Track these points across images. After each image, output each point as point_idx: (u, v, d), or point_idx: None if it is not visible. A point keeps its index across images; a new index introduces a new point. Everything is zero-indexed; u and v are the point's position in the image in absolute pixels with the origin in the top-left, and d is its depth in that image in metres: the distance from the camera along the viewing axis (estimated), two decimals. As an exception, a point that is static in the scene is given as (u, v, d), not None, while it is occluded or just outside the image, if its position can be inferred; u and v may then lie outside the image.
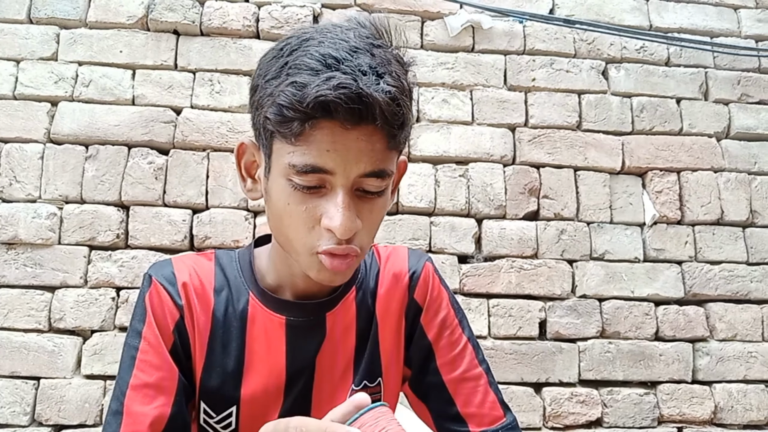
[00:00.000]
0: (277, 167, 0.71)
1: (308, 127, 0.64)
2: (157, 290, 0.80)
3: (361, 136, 0.65)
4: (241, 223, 1.90)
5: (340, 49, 0.65)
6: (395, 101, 0.65)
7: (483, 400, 0.87)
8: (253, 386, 0.82)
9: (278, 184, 0.71)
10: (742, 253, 2.09)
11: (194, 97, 1.97)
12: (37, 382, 1.76)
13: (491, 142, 2.06)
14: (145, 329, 0.78)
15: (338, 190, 0.67)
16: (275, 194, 0.72)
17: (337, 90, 0.62)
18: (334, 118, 0.64)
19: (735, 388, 1.98)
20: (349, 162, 0.66)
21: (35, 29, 1.96)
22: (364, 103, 0.63)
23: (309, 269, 0.73)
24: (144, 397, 0.75)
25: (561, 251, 2.02)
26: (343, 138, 0.65)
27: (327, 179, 0.67)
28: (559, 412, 1.91)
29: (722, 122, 2.18)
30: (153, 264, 0.85)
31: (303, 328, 0.83)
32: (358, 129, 0.65)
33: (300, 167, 0.66)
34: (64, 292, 1.81)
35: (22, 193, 1.85)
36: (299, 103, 0.63)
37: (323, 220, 0.68)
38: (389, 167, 0.70)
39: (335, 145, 0.65)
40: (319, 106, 0.63)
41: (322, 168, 0.66)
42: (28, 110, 1.91)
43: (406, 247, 0.97)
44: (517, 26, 2.16)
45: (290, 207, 0.70)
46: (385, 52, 0.68)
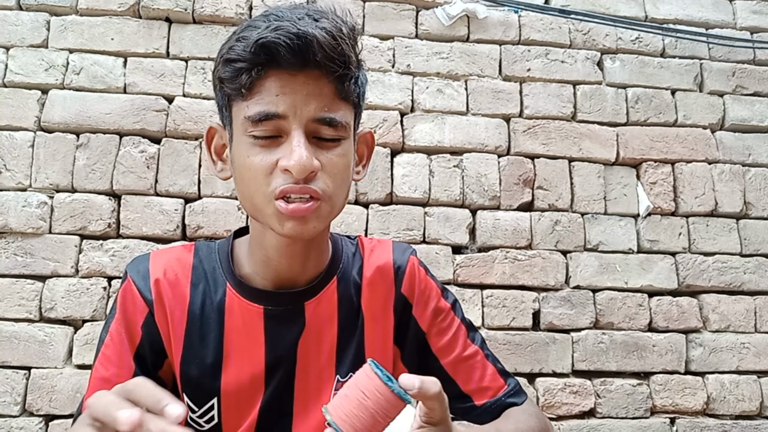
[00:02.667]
0: (236, 129, 0.73)
1: (255, 76, 0.68)
2: (130, 286, 0.82)
3: (308, 80, 0.70)
4: (233, 213, 1.88)
5: (281, 10, 0.70)
6: (333, 37, 0.68)
7: (483, 375, 0.89)
8: (233, 377, 0.82)
9: (239, 144, 0.73)
10: (736, 244, 2.09)
11: (186, 86, 1.95)
12: (28, 372, 1.75)
13: (486, 132, 2.05)
14: (113, 325, 0.82)
15: (293, 133, 0.70)
16: (237, 155, 0.74)
17: (276, 32, 0.66)
18: (279, 66, 0.68)
19: (727, 378, 1.99)
20: (298, 104, 0.69)
21: (25, 16, 1.94)
22: (302, 40, 0.67)
23: (272, 222, 0.73)
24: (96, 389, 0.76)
25: (555, 242, 2.01)
26: (291, 82, 0.69)
27: (281, 126, 0.70)
28: (552, 403, 1.91)
29: (717, 114, 2.17)
30: (133, 259, 0.87)
31: (282, 318, 0.83)
32: (303, 73, 0.69)
33: (253, 116, 0.69)
34: (55, 282, 1.80)
35: (12, 182, 1.84)
36: (244, 51, 0.68)
37: (280, 162, 0.70)
38: (341, 117, 0.72)
39: (284, 89, 0.69)
40: (261, 49, 0.67)
41: (273, 113, 0.69)
42: (18, 98, 1.88)
43: (391, 240, 0.97)
44: (513, 16, 2.15)
45: (249, 159, 0.71)
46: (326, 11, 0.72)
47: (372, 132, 0.87)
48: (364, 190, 1.95)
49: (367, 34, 2.06)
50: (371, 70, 2.03)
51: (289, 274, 0.83)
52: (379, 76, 2.03)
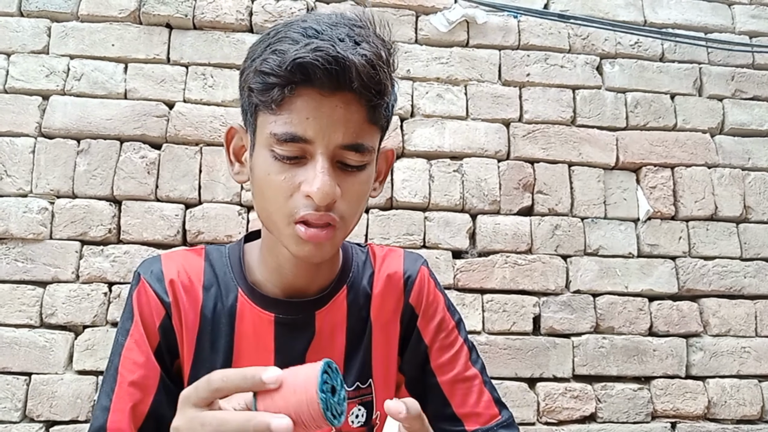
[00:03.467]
0: (260, 140, 0.72)
1: (288, 93, 0.66)
2: (145, 288, 0.81)
3: (340, 103, 0.67)
4: (234, 218, 1.88)
5: (321, 23, 0.68)
6: (372, 65, 0.67)
7: (478, 400, 0.88)
8: None
9: (260, 156, 0.72)
10: (736, 248, 2.09)
11: (187, 91, 1.95)
12: (28, 378, 1.75)
13: (485, 137, 2.06)
14: (133, 328, 0.79)
15: (317, 157, 0.68)
16: (258, 167, 0.73)
17: (315, 52, 0.64)
18: (312, 85, 0.66)
19: (728, 383, 1.99)
20: (327, 130, 0.67)
21: (26, 22, 1.94)
22: (340, 65, 0.65)
23: (288, 243, 0.72)
24: (126, 394, 0.76)
25: (555, 246, 2.01)
26: (322, 105, 0.67)
27: (307, 149, 0.69)
28: (553, 407, 1.90)
29: (716, 118, 2.18)
30: (143, 261, 0.85)
31: (292, 326, 0.83)
32: (336, 96, 0.67)
33: (280, 136, 0.68)
34: (55, 287, 1.80)
35: (13, 188, 1.84)
36: (279, 67, 0.66)
37: (302, 187, 0.69)
38: (368, 142, 0.71)
39: (314, 112, 0.67)
40: (297, 68, 0.65)
41: (301, 137, 0.67)
42: (19, 104, 1.89)
43: (402, 249, 0.96)
44: (512, 21, 2.15)
45: (270, 177, 0.70)
46: (366, 31, 0.70)
47: (393, 150, 0.86)
48: (364, 195, 1.95)
49: (366, 40, 2.06)
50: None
51: (301, 283, 0.83)
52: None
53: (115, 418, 0.74)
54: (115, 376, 0.77)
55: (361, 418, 0.87)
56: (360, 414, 0.86)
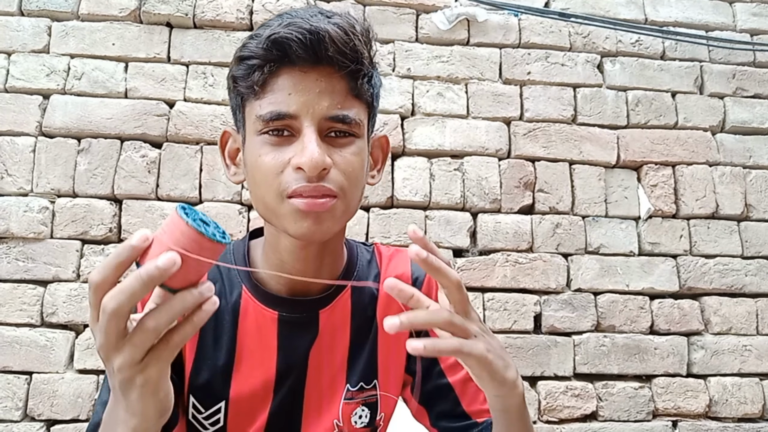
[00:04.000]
0: (249, 130, 0.73)
1: (267, 73, 0.68)
2: None
3: (320, 77, 0.69)
4: (234, 217, 1.88)
5: (298, 10, 0.71)
6: (345, 32, 0.68)
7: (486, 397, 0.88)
8: (243, 381, 0.81)
9: (251, 144, 0.73)
10: (737, 246, 2.09)
11: (187, 90, 1.95)
12: (29, 377, 1.75)
13: (486, 135, 2.05)
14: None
15: (304, 130, 0.69)
16: (249, 156, 0.73)
17: (288, 27, 0.66)
18: (292, 63, 0.68)
19: (730, 381, 1.99)
20: (311, 102, 0.68)
21: (26, 21, 1.94)
22: (314, 35, 0.66)
23: (287, 222, 0.71)
24: None
25: (556, 245, 2.01)
26: (303, 80, 0.68)
27: (293, 125, 0.69)
28: (554, 406, 1.90)
29: (717, 116, 2.17)
30: None
31: (295, 324, 0.82)
32: (316, 70, 0.69)
33: (265, 116, 0.69)
34: (56, 287, 1.80)
35: (13, 187, 1.84)
36: (256, 48, 0.68)
37: (292, 160, 0.69)
38: (355, 115, 0.72)
39: (296, 87, 0.68)
40: (273, 45, 0.67)
41: (286, 113, 0.68)
42: (19, 103, 1.89)
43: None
44: (512, 19, 2.15)
45: (261, 159, 0.71)
46: (343, 13, 0.71)
47: (387, 136, 0.86)
48: (365, 193, 1.95)
49: (367, 38, 2.06)
50: (371, 74, 2.03)
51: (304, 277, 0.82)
52: (379, 79, 2.03)
53: None
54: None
55: (364, 419, 0.86)
56: (364, 415, 0.86)
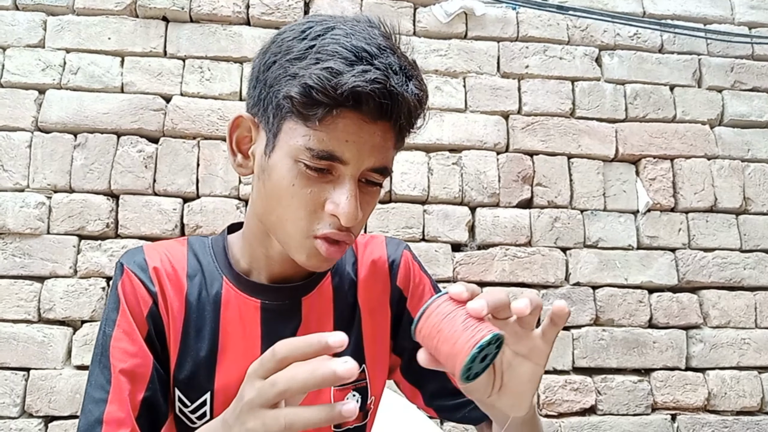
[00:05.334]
0: (285, 147, 0.71)
1: (334, 114, 0.67)
2: (130, 278, 0.80)
3: (378, 131, 0.69)
4: (232, 212, 1.88)
5: (371, 45, 0.67)
6: (419, 102, 0.70)
7: None
8: (228, 371, 0.81)
9: (284, 164, 0.71)
10: (736, 240, 2.09)
11: (184, 85, 1.94)
12: (26, 373, 1.74)
13: (484, 129, 2.05)
14: (119, 318, 0.78)
15: (347, 179, 0.69)
16: (278, 174, 0.72)
17: (372, 84, 0.65)
18: (358, 111, 0.67)
19: (728, 374, 1.99)
20: (363, 155, 0.69)
21: (21, 16, 1.93)
22: (393, 99, 0.66)
23: (298, 253, 0.73)
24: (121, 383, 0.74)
25: (554, 239, 2.01)
26: (362, 130, 0.68)
27: (337, 168, 0.69)
28: (553, 400, 1.90)
29: (715, 109, 2.17)
30: (125, 252, 0.84)
31: (278, 312, 0.83)
32: (377, 124, 0.69)
33: (317, 152, 0.68)
34: (53, 282, 1.79)
35: (9, 182, 1.83)
36: (333, 89, 0.65)
37: (328, 206, 0.70)
38: (391, 165, 0.75)
39: (354, 136, 0.68)
40: (352, 96, 0.65)
41: (339, 157, 0.68)
42: (15, 98, 1.88)
43: (383, 235, 0.98)
44: (510, 13, 2.14)
45: (294, 188, 0.70)
46: (406, 57, 0.71)
47: None
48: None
49: (364, 32, 2.06)
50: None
51: (289, 271, 0.83)
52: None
53: (112, 408, 0.73)
54: (107, 367, 0.75)
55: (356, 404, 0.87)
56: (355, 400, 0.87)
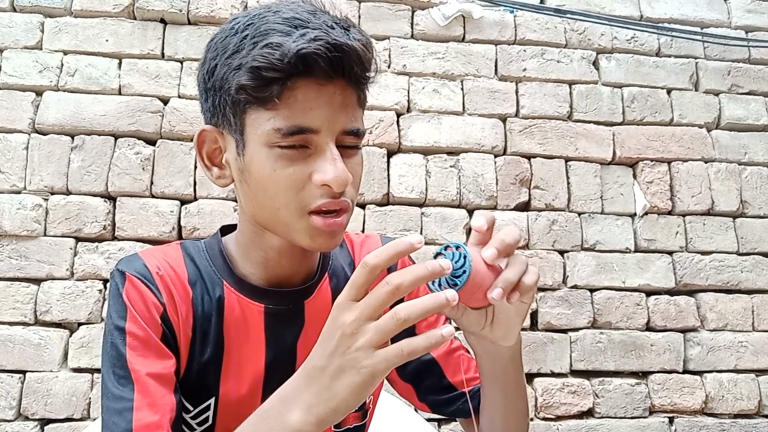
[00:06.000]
0: (255, 139, 0.70)
1: (288, 87, 0.66)
2: (134, 285, 0.75)
3: (337, 90, 0.69)
4: (229, 214, 1.87)
5: (300, 13, 0.68)
6: (366, 48, 0.69)
7: (468, 367, 0.92)
8: (232, 376, 0.80)
9: (260, 154, 0.70)
10: (733, 243, 2.09)
11: (182, 87, 1.95)
12: (23, 376, 1.74)
13: (482, 132, 2.05)
14: (129, 325, 0.73)
15: (326, 145, 0.69)
16: (257, 167, 0.71)
17: (315, 42, 0.64)
18: (311, 75, 0.67)
19: (726, 377, 1.99)
20: (331, 117, 0.68)
21: (19, 17, 1.93)
22: (339, 51, 0.66)
23: (301, 236, 0.71)
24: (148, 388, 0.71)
25: (552, 242, 2.01)
26: (321, 94, 0.68)
27: (311, 139, 0.68)
28: (550, 403, 1.90)
29: (713, 113, 2.18)
30: (119, 261, 0.80)
31: (282, 316, 0.82)
32: (332, 84, 0.68)
33: (285, 130, 0.67)
34: (50, 285, 1.79)
35: (6, 184, 1.82)
36: (279, 61, 0.65)
37: (315, 177, 0.68)
38: (362, 126, 0.73)
39: (315, 102, 0.67)
40: (299, 60, 0.65)
41: (308, 127, 0.67)
42: (12, 100, 1.87)
43: (379, 235, 0.97)
44: (508, 16, 2.15)
45: (277, 173, 0.69)
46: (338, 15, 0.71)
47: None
48: (360, 190, 1.94)
49: (362, 35, 2.06)
50: (367, 70, 2.03)
51: (287, 273, 0.82)
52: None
53: (140, 415, 0.68)
54: (126, 377, 0.71)
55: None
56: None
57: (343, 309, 0.58)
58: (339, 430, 0.86)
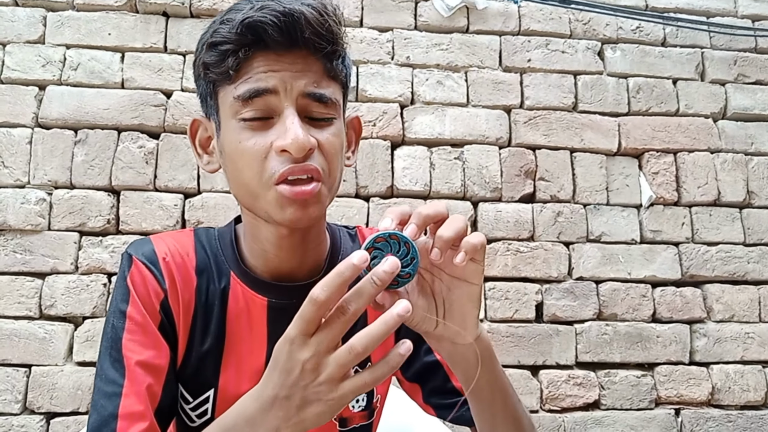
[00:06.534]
0: (224, 115, 0.71)
1: (243, 57, 0.67)
2: (139, 269, 0.76)
3: (296, 59, 0.68)
4: (233, 208, 1.87)
5: None
6: (320, 13, 0.67)
7: None
8: (233, 369, 0.80)
9: (228, 129, 0.71)
10: (739, 234, 2.07)
11: (184, 80, 1.94)
12: (28, 370, 1.74)
13: (486, 124, 2.04)
14: (130, 309, 0.74)
15: (285, 111, 0.68)
16: (227, 142, 0.71)
17: (262, 10, 0.65)
18: (267, 46, 0.67)
19: (732, 369, 1.98)
20: (288, 80, 0.68)
21: (21, 12, 1.92)
22: (289, 18, 0.65)
23: (272, 209, 0.70)
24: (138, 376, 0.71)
25: (557, 233, 2.00)
26: (279, 62, 0.68)
27: (272, 105, 0.68)
28: (556, 395, 1.90)
29: (719, 103, 2.16)
30: (131, 243, 0.81)
31: (285, 311, 0.79)
32: (292, 53, 0.68)
33: (243, 95, 0.68)
34: (54, 279, 1.79)
35: (10, 179, 1.82)
36: (229, 33, 0.66)
37: (275, 144, 0.68)
38: (331, 95, 0.71)
39: (273, 66, 0.68)
40: (247, 29, 0.66)
41: (264, 89, 0.67)
42: (15, 94, 1.87)
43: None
44: (512, 6, 2.13)
45: (242, 145, 0.69)
46: None
47: (359, 117, 0.86)
48: (364, 183, 1.94)
49: (365, 26, 2.05)
50: (370, 62, 2.02)
51: (288, 267, 0.80)
52: (378, 68, 2.02)
53: (127, 402, 0.69)
54: (119, 360, 0.72)
55: (362, 403, 0.86)
56: (361, 398, 0.86)
57: (299, 345, 0.56)
58: (345, 429, 0.85)
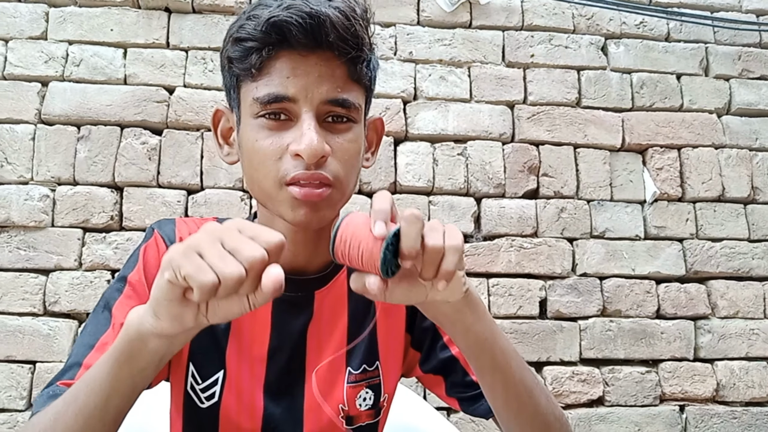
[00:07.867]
0: (244, 111, 0.72)
1: (266, 56, 0.67)
2: (157, 244, 0.80)
3: (320, 61, 0.68)
4: (236, 204, 1.87)
5: None
6: (346, 17, 0.67)
7: None
8: (237, 353, 0.81)
9: (247, 126, 0.71)
10: (744, 230, 2.07)
11: (187, 76, 1.93)
12: (33, 366, 1.74)
13: (490, 119, 2.03)
14: (133, 274, 0.77)
15: (303, 115, 0.68)
16: (245, 138, 0.72)
17: (288, 10, 0.65)
18: (290, 46, 0.67)
19: (737, 365, 1.97)
20: (310, 86, 0.68)
21: (23, 8, 1.92)
22: (314, 20, 0.65)
23: (283, 209, 0.71)
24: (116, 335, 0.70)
25: (561, 229, 1.99)
26: (302, 64, 0.67)
27: (291, 109, 0.68)
28: (560, 391, 1.89)
29: (723, 98, 2.15)
30: (159, 220, 0.85)
31: (290, 303, 0.81)
32: (315, 54, 0.68)
33: (262, 98, 0.68)
34: (58, 275, 1.79)
35: (13, 175, 1.82)
36: (254, 30, 0.66)
37: (290, 147, 0.68)
38: (354, 99, 0.71)
39: (295, 71, 0.67)
40: (272, 28, 0.65)
41: (284, 95, 0.67)
42: (17, 90, 1.87)
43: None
44: (515, 1, 2.12)
45: (258, 143, 0.70)
46: None
47: (382, 118, 0.85)
48: (367, 179, 1.94)
49: (368, 22, 2.04)
50: (373, 58, 2.01)
51: (299, 262, 0.81)
52: (381, 63, 2.01)
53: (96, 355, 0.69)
54: (108, 318, 0.73)
55: (369, 401, 0.86)
56: (368, 397, 0.86)
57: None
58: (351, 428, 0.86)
